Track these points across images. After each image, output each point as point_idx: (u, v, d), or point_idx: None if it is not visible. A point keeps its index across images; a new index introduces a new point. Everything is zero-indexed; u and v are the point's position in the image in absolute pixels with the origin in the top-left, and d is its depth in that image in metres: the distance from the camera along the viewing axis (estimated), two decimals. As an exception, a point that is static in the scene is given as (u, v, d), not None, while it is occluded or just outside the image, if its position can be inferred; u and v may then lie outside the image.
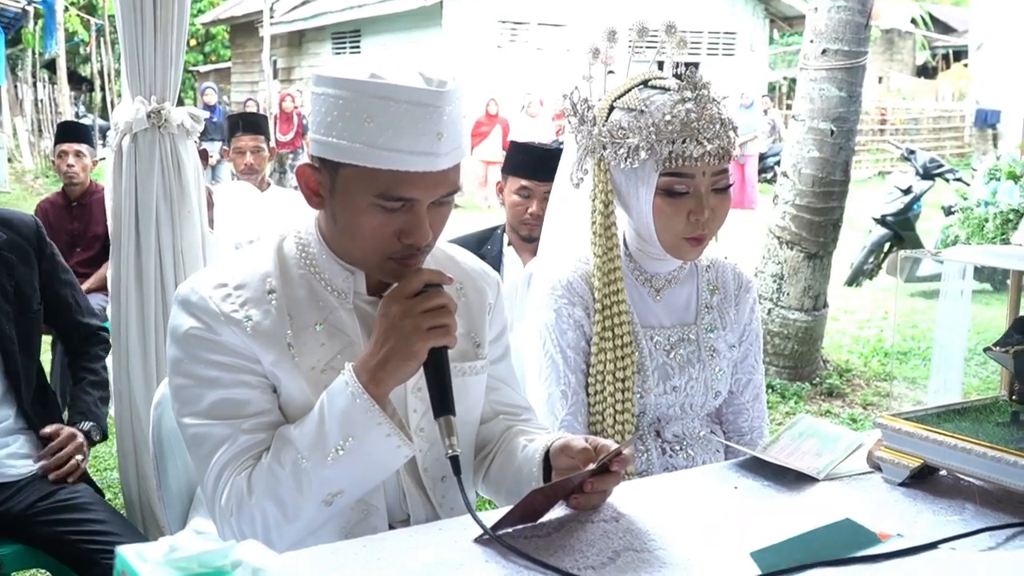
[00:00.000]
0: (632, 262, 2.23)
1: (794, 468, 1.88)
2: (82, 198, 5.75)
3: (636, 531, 1.61)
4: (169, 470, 2.14)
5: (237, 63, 28.55)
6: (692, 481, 1.89)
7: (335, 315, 1.75)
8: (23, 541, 2.81)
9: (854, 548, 1.54)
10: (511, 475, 1.85)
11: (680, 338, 2.23)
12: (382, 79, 1.58)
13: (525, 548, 1.52)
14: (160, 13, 3.44)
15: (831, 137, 6.21)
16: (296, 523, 1.63)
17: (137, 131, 3.54)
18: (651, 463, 2.19)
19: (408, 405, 1.78)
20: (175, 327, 1.71)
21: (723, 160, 2.05)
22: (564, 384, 2.17)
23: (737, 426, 2.34)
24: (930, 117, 26.79)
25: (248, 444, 1.66)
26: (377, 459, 1.63)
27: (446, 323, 1.63)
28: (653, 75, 2.11)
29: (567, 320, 2.18)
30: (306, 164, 1.69)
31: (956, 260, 2.14)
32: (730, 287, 2.31)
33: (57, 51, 19.43)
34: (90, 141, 6.00)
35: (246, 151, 5.43)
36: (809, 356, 6.63)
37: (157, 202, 3.58)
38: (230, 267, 1.75)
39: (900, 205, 9.73)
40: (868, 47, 6.34)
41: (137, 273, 3.61)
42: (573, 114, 2.15)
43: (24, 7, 16.93)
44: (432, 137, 1.59)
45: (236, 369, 1.68)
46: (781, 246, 6.48)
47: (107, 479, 4.70)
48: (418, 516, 1.80)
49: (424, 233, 1.65)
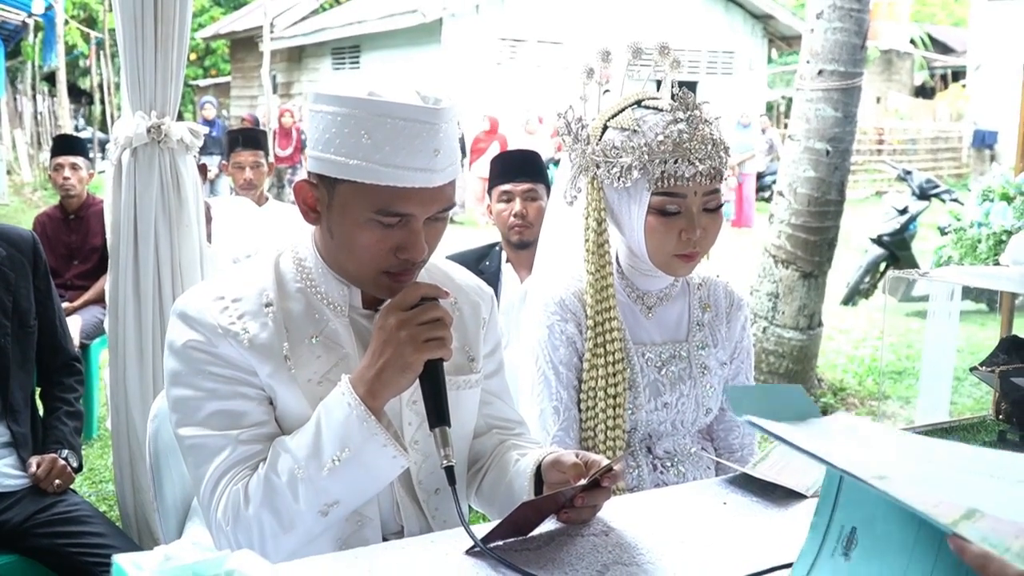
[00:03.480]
0: (624, 279, 2.25)
1: (783, 485, 1.89)
2: (79, 211, 5.76)
3: (625, 545, 1.63)
4: (165, 481, 2.16)
5: (237, 78, 28.60)
6: (681, 497, 1.91)
7: (331, 328, 1.77)
8: (19, 552, 2.83)
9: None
10: (503, 489, 1.87)
11: (671, 355, 2.25)
12: (379, 97, 1.61)
13: (516, 561, 1.54)
14: (161, 28, 3.46)
15: (827, 157, 6.24)
16: (292, 533, 1.65)
17: (137, 145, 3.55)
18: (642, 479, 2.21)
19: (403, 418, 1.80)
20: (173, 340, 1.73)
21: (715, 180, 2.07)
22: (556, 400, 2.19)
23: (728, 443, 2.36)
24: (928, 137, 26.83)
25: (245, 455, 1.68)
26: (373, 470, 1.64)
27: (442, 335, 1.65)
28: (646, 95, 2.13)
29: (559, 336, 2.20)
30: (304, 180, 1.72)
31: (942, 280, 2.17)
32: (721, 305, 2.34)
33: (57, 64, 19.43)
34: (86, 153, 6.00)
35: (245, 166, 5.45)
36: (804, 375, 6.64)
37: (156, 216, 3.60)
38: (228, 281, 1.77)
39: (896, 225, 9.76)
40: (864, 68, 6.37)
41: (135, 286, 3.63)
42: (567, 133, 2.18)
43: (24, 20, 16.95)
44: (428, 154, 1.62)
45: (233, 381, 1.70)
46: (776, 265, 6.50)
47: (103, 492, 4.71)
48: (412, 528, 1.81)
49: (420, 248, 1.68)
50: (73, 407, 3.16)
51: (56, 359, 3.16)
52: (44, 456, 2.93)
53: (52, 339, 3.12)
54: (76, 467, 3.02)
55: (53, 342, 3.12)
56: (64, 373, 3.18)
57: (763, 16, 22.28)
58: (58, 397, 3.15)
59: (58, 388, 3.16)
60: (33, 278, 3.02)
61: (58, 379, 3.17)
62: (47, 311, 3.08)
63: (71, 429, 3.09)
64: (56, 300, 3.15)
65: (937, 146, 26.74)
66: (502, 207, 3.79)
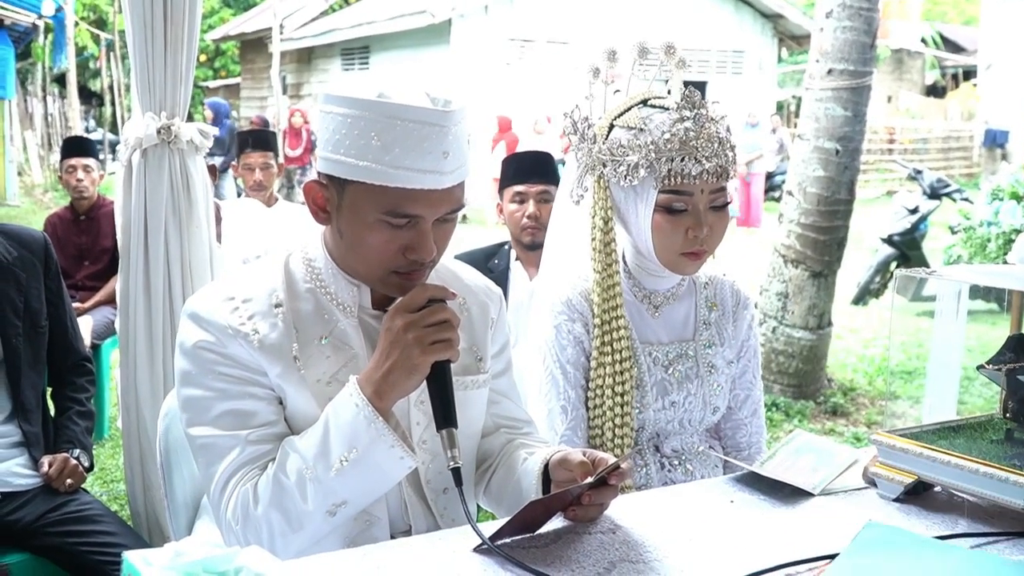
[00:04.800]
0: (631, 279, 2.26)
1: (790, 483, 1.90)
2: (90, 212, 5.78)
3: (632, 543, 1.64)
4: (175, 480, 2.17)
5: (247, 79, 28.65)
6: (689, 495, 1.91)
7: (340, 328, 1.78)
8: (31, 551, 2.84)
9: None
10: (511, 488, 1.88)
11: (678, 354, 2.25)
12: (389, 99, 1.61)
13: (523, 558, 1.54)
14: (170, 30, 3.48)
15: (836, 156, 6.24)
16: (301, 533, 1.66)
17: (147, 146, 3.57)
18: (650, 477, 2.22)
19: (411, 418, 1.81)
20: (183, 340, 1.74)
21: (721, 178, 2.07)
22: (564, 399, 2.19)
23: (735, 441, 2.37)
24: (939, 137, 26.77)
25: (254, 454, 1.69)
26: (381, 471, 1.65)
27: (449, 337, 1.66)
28: (653, 94, 2.13)
29: (566, 336, 2.20)
30: (313, 181, 1.73)
31: (949, 279, 2.17)
32: (728, 304, 2.34)
33: (67, 65, 19.48)
34: (96, 155, 6.04)
35: (255, 167, 5.47)
36: (813, 374, 6.64)
37: (166, 216, 3.61)
38: (238, 281, 1.78)
39: (907, 225, 9.75)
40: (874, 67, 6.37)
41: (145, 286, 3.64)
42: (573, 132, 2.18)
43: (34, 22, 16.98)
44: (438, 156, 1.62)
45: (243, 381, 1.71)
46: (786, 264, 6.50)
47: (114, 491, 4.73)
48: (419, 527, 1.82)
49: (429, 249, 1.69)
50: (85, 407, 3.17)
51: (67, 359, 3.17)
52: (56, 456, 2.94)
53: (63, 339, 3.13)
54: (87, 466, 3.03)
55: (64, 342, 3.14)
56: (75, 373, 3.20)
57: (773, 15, 22.23)
58: (70, 397, 3.17)
59: (70, 388, 3.18)
60: (45, 279, 3.04)
61: (69, 379, 3.18)
62: (58, 311, 3.09)
63: (83, 429, 3.11)
64: (67, 300, 3.16)
65: (948, 145, 26.69)
66: (514, 208, 3.80)
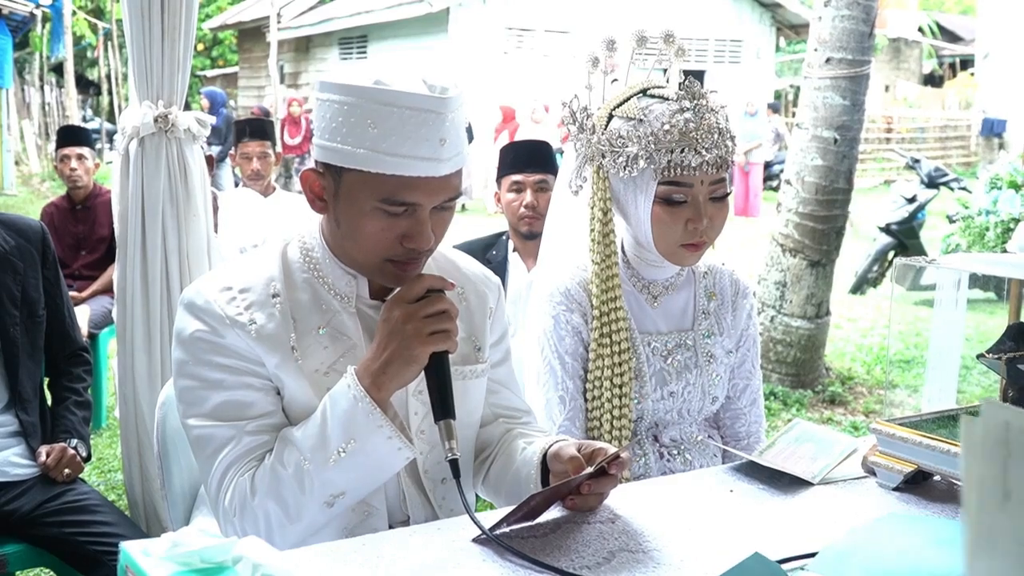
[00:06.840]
0: (630, 269, 2.25)
1: (789, 472, 1.90)
2: (86, 201, 5.76)
3: (632, 532, 1.64)
4: (173, 470, 2.17)
5: (244, 68, 28.59)
6: (688, 484, 1.91)
7: (338, 319, 1.77)
8: (28, 540, 2.84)
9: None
10: (510, 478, 1.87)
11: (677, 344, 2.25)
12: (386, 86, 1.60)
13: (522, 548, 1.54)
14: (168, 19, 3.47)
15: (834, 145, 6.23)
16: (298, 523, 1.65)
17: (144, 135, 3.56)
18: (649, 467, 2.21)
19: (409, 408, 1.80)
20: (180, 330, 1.74)
21: (721, 169, 2.06)
22: (562, 390, 2.19)
23: (734, 431, 2.36)
24: (936, 126, 26.77)
25: (252, 445, 1.69)
26: (378, 461, 1.65)
27: (447, 328, 1.65)
28: (652, 84, 2.13)
29: (565, 327, 2.20)
30: (310, 169, 1.72)
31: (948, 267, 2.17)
32: (727, 293, 2.34)
33: (64, 55, 19.44)
34: (91, 144, 6.01)
35: (252, 157, 5.46)
36: (811, 364, 6.64)
37: (163, 206, 3.61)
38: (235, 271, 1.78)
39: (905, 214, 9.75)
40: (872, 56, 6.35)
41: (143, 276, 3.64)
42: (572, 122, 2.17)
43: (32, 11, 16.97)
44: (435, 143, 1.62)
45: (240, 372, 1.71)
46: (784, 254, 6.49)
47: (111, 481, 4.73)
48: (418, 517, 1.82)
49: (426, 238, 1.68)
50: (82, 396, 3.17)
51: (65, 349, 3.17)
52: (53, 445, 2.94)
53: (61, 329, 3.13)
54: (85, 456, 3.03)
55: (62, 332, 3.13)
56: (73, 363, 3.19)
57: (771, 4, 22.21)
58: (67, 387, 3.16)
59: (67, 378, 3.17)
60: (42, 268, 3.03)
61: (67, 369, 3.18)
62: (56, 301, 3.09)
63: (80, 418, 3.10)
64: (64, 290, 3.16)
65: (946, 134, 26.68)
66: (512, 197, 3.80)
